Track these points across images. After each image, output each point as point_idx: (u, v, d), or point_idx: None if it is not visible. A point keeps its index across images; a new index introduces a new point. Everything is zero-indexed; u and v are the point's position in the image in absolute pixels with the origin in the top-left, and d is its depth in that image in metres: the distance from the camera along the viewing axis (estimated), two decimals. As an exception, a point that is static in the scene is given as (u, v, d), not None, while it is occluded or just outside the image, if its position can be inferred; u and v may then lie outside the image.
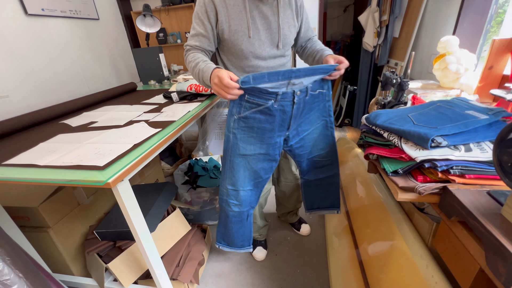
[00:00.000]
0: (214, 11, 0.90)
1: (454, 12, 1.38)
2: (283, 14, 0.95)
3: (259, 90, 0.81)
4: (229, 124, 0.90)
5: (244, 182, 1.02)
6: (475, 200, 0.57)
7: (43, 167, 0.73)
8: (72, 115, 1.32)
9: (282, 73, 0.81)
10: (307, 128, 1.03)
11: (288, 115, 0.90)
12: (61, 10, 1.74)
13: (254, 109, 0.86)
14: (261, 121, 0.89)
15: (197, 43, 0.95)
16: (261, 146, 0.96)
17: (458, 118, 0.78)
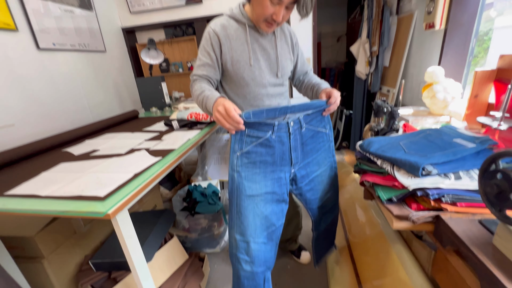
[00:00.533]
0: (218, 44, 0.97)
1: (438, 44, 1.49)
2: (280, 48, 1.04)
3: (258, 123, 0.84)
4: (233, 163, 0.89)
5: (255, 231, 0.92)
6: (467, 229, 0.59)
7: (45, 198, 0.75)
8: (75, 143, 1.36)
9: (278, 110, 0.85)
10: (315, 169, 1.03)
11: (287, 146, 0.91)
12: (71, 44, 1.86)
13: (254, 143, 0.88)
14: (262, 154, 0.90)
15: (203, 72, 0.99)
16: (265, 183, 0.93)
17: (446, 146, 0.81)
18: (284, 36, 1.06)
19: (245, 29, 0.97)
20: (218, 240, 1.66)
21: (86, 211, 0.66)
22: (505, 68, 1.11)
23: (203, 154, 2.17)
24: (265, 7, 0.85)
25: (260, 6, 0.87)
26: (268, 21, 0.90)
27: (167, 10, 2.36)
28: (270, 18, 0.88)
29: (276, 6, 0.85)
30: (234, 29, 0.97)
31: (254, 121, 0.83)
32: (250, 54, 0.98)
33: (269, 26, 0.92)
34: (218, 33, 0.95)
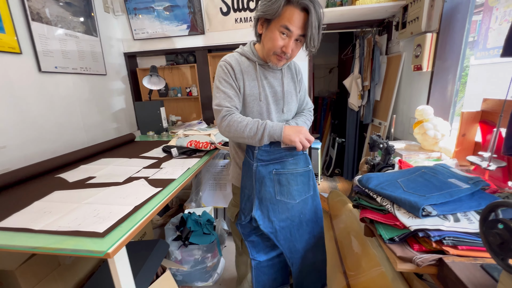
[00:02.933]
0: (234, 76, 1.00)
1: (426, 84, 1.60)
2: (287, 85, 1.09)
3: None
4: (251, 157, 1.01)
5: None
6: (470, 275, 0.59)
7: (38, 232, 0.71)
8: (69, 168, 1.32)
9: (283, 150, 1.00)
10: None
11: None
12: (73, 67, 1.88)
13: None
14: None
15: (233, 103, 0.98)
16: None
17: (443, 187, 0.84)
18: (291, 73, 1.12)
19: (255, 66, 1.02)
20: (211, 272, 1.59)
21: (84, 249, 0.63)
22: (488, 110, 1.19)
23: (197, 179, 2.14)
24: (275, 40, 0.91)
25: (270, 41, 0.93)
26: (278, 54, 0.95)
27: (170, 39, 2.46)
28: (280, 51, 0.94)
29: (286, 39, 0.91)
30: (246, 65, 1.02)
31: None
32: (260, 90, 1.02)
33: (279, 59, 0.97)
34: (234, 67, 1.00)
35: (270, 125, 0.93)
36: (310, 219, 1.10)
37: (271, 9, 0.86)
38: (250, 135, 0.93)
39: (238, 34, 2.35)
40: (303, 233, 1.10)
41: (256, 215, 1.02)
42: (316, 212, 1.12)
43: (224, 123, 0.95)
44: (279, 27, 0.89)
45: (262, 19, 0.93)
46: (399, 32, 1.85)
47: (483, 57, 1.28)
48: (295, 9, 0.85)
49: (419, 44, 1.55)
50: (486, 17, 1.27)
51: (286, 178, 1.02)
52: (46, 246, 0.65)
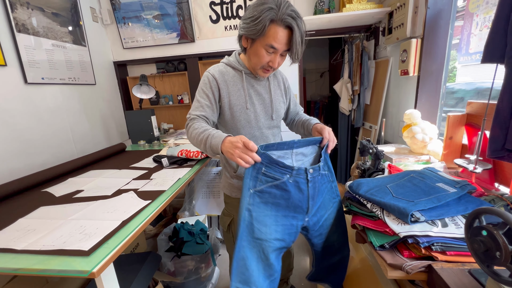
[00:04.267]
0: (217, 88, 1.01)
1: (413, 88, 1.63)
2: (274, 92, 1.10)
3: (276, 163, 0.82)
4: (245, 200, 0.83)
5: (259, 278, 0.87)
6: (458, 281, 0.60)
7: (21, 252, 0.69)
8: (57, 181, 1.29)
9: (287, 143, 0.88)
10: (323, 213, 1.00)
11: (305, 194, 0.87)
12: (61, 78, 1.85)
13: (270, 183, 0.84)
14: (276, 197, 0.86)
15: (202, 113, 0.99)
16: (276, 228, 0.88)
17: (430, 191, 0.85)
18: (277, 81, 1.14)
19: (242, 76, 1.03)
20: (205, 283, 1.56)
21: (68, 269, 0.61)
22: (473, 114, 1.22)
23: (190, 188, 2.12)
24: (262, 56, 0.93)
25: (256, 56, 0.94)
26: (265, 68, 0.97)
27: (160, 47, 2.46)
28: (266, 65, 0.96)
29: (272, 54, 0.93)
30: (231, 75, 1.03)
31: (272, 159, 0.81)
32: (247, 99, 1.03)
33: (265, 72, 1.00)
34: (217, 79, 1.01)
35: (211, 139, 0.85)
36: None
37: (256, 29, 0.86)
38: (201, 145, 0.89)
39: (228, 41, 2.37)
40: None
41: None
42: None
43: (186, 129, 0.98)
44: (264, 45, 0.90)
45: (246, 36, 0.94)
46: (385, 37, 1.89)
47: (466, 61, 1.31)
48: (279, 28, 0.86)
49: (405, 50, 1.58)
50: (467, 23, 1.30)
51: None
52: (28, 267, 0.63)
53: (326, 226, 1.01)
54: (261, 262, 0.87)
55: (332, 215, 1.02)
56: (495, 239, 0.47)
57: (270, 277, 0.90)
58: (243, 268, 0.84)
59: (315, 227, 0.97)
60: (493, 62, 0.88)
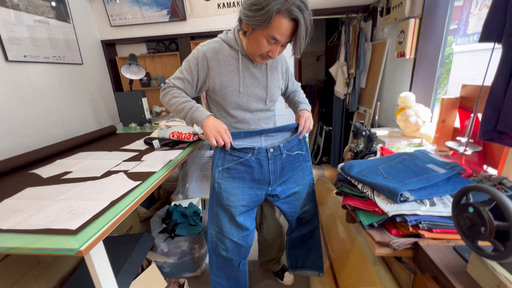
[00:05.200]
0: (205, 68, 0.97)
1: (409, 71, 1.61)
2: (270, 76, 1.06)
3: (239, 150, 0.97)
4: (214, 175, 1.01)
5: (231, 232, 1.06)
6: (443, 257, 0.61)
7: (7, 232, 0.67)
8: (45, 163, 1.26)
9: (255, 132, 1.02)
10: (292, 187, 1.13)
11: (266, 169, 1.02)
12: (44, 56, 1.76)
13: (235, 161, 0.99)
14: (242, 172, 1.01)
15: (180, 86, 1.00)
16: (242, 197, 1.04)
17: (421, 172, 0.86)
18: (276, 64, 1.08)
19: (238, 56, 0.98)
20: (199, 263, 1.59)
21: (55, 248, 0.60)
22: (467, 96, 1.22)
23: (184, 171, 2.11)
24: (262, 45, 0.88)
25: (256, 44, 0.89)
26: (264, 56, 0.93)
27: (150, 25, 2.34)
28: (265, 54, 0.91)
29: (273, 45, 0.88)
30: (226, 54, 0.98)
31: (237, 147, 0.96)
32: (240, 81, 0.99)
33: (263, 59, 0.96)
34: (208, 58, 0.96)
35: (195, 111, 0.96)
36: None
37: (260, 20, 0.80)
38: (180, 113, 0.98)
39: (222, 20, 2.27)
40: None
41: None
42: None
43: (164, 93, 1.03)
44: (266, 36, 0.85)
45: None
46: (383, 18, 1.84)
47: (464, 43, 1.29)
48: (284, 19, 0.80)
49: (403, 30, 1.54)
50: (467, 2, 1.27)
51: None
52: (13, 246, 0.61)
53: (295, 198, 1.15)
54: (232, 222, 1.06)
55: (303, 190, 1.16)
56: (481, 215, 0.48)
57: (241, 233, 1.08)
58: (217, 220, 1.06)
59: (281, 195, 1.11)
60: (490, 41, 0.86)
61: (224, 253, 1.10)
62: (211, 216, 1.07)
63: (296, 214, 1.18)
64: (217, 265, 1.15)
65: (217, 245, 1.10)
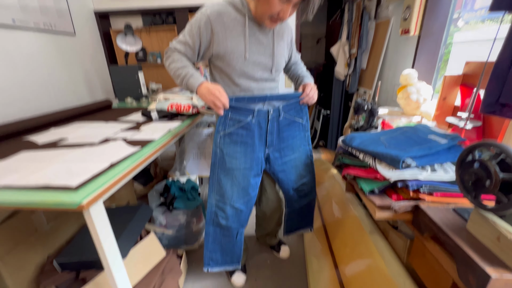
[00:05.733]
0: (209, 32, 0.93)
1: (412, 49, 1.59)
2: (277, 44, 1.02)
3: (240, 108, 0.96)
4: (216, 141, 1.01)
5: (233, 197, 1.07)
6: (443, 217, 0.63)
7: (2, 188, 0.66)
8: (38, 131, 1.22)
9: (258, 98, 0.99)
10: (289, 154, 1.13)
11: (264, 130, 1.03)
12: (34, 22, 1.67)
13: (236, 125, 0.99)
14: (243, 136, 1.01)
15: (182, 50, 0.97)
16: (245, 160, 1.04)
17: (422, 142, 0.86)
18: (282, 32, 1.05)
19: (244, 21, 0.94)
20: (197, 236, 1.61)
21: (55, 201, 0.59)
22: (470, 74, 1.21)
23: (181, 148, 2.09)
24: (273, 5, 0.84)
25: (266, 4, 0.85)
26: (274, 18, 0.89)
27: (146, -4, 2.24)
28: (276, 15, 0.87)
29: (284, 4, 0.84)
30: (231, 18, 0.93)
31: (236, 106, 0.94)
32: (247, 47, 0.95)
33: (273, 22, 0.91)
34: (212, 21, 0.91)
35: (190, 78, 0.94)
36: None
37: None
38: (178, 79, 0.97)
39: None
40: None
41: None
42: None
43: (166, 57, 1.01)
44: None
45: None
46: (389, -6, 1.79)
47: (470, 18, 1.26)
48: None
49: (408, 6, 1.51)
50: (477, -24, 1.23)
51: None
52: (11, 200, 0.60)
53: (291, 165, 1.15)
54: (235, 186, 1.06)
55: (300, 158, 1.16)
56: (487, 169, 0.48)
57: (243, 198, 1.09)
58: (218, 187, 1.06)
59: (277, 161, 1.11)
60: (501, 9, 0.84)
61: (224, 222, 1.10)
62: (212, 185, 1.06)
63: (292, 184, 1.19)
64: (214, 238, 1.14)
65: (216, 215, 1.10)
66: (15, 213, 1.07)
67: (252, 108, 0.97)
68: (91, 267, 1.05)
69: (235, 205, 1.08)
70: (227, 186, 1.05)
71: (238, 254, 1.21)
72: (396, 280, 0.78)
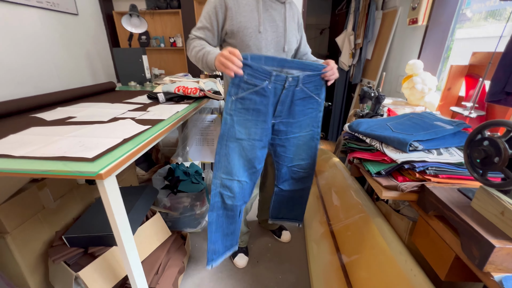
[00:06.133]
0: (223, 9, 0.95)
1: (418, 40, 1.59)
2: (288, 23, 1.03)
3: (257, 69, 0.86)
4: (227, 106, 0.92)
5: (239, 171, 1.02)
6: (449, 196, 0.65)
7: (20, 158, 0.66)
8: (45, 110, 1.22)
9: (277, 60, 0.89)
10: (295, 131, 1.07)
11: (277, 97, 0.95)
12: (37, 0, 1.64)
13: (250, 90, 0.90)
14: (256, 103, 0.92)
15: (202, 35, 0.99)
16: (255, 130, 0.98)
17: (429, 127, 0.88)
18: (292, 13, 1.06)
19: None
20: (200, 220, 1.64)
21: (74, 170, 0.60)
22: (476, 64, 1.22)
23: (184, 134, 2.09)
24: None
25: None
26: None
27: (150, -22, 2.19)
28: None
29: None
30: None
31: (252, 65, 0.85)
32: (260, 21, 0.96)
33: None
34: (225, 0, 0.93)
35: (208, 55, 0.92)
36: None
37: None
38: (200, 62, 0.96)
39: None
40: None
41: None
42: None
43: (189, 49, 1.01)
44: None
45: None
46: (398, -17, 1.77)
47: (480, 9, 1.27)
48: None
49: (418, -5, 1.50)
50: (488, -35, 1.23)
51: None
52: (30, 168, 0.61)
53: (293, 142, 1.09)
54: (242, 158, 1.00)
55: (304, 140, 1.10)
56: (497, 146, 0.50)
57: (249, 170, 1.04)
58: (226, 162, 0.99)
59: (280, 134, 1.06)
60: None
61: (230, 201, 1.05)
62: (219, 161, 0.99)
63: (288, 161, 1.13)
64: (217, 225, 1.08)
65: (221, 196, 1.04)
66: (21, 190, 1.08)
67: (270, 71, 0.88)
68: (99, 243, 1.07)
69: (241, 178, 1.03)
70: (235, 159, 0.99)
71: (237, 234, 1.18)
72: (398, 259, 0.81)
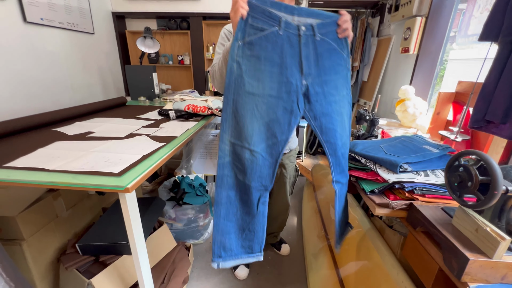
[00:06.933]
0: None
1: (410, 67, 1.73)
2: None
3: (262, 12, 0.75)
4: (233, 52, 0.76)
5: (252, 137, 0.78)
6: (433, 214, 0.74)
7: (53, 171, 0.75)
8: (64, 124, 1.31)
9: (284, 6, 0.77)
10: (333, 93, 0.85)
11: (297, 50, 0.78)
12: (59, 21, 1.77)
13: (259, 34, 0.76)
14: (268, 50, 0.76)
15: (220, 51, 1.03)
16: (271, 84, 0.77)
17: (417, 150, 0.98)
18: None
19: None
20: (202, 231, 1.70)
21: (103, 184, 0.68)
22: (462, 92, 1.34)
23: (189, 147, 2.18)
24: None
25: None
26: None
27: (163, 1, 2.35)
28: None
29: None
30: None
31: (257, 6, 0.74)
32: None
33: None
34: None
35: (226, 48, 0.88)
36: None
37: None
38: (221, 71, 0.92)
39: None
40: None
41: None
42: None
43: (213, 75, 1.01)
44: None
45: None
46: (391, 14, 1.93)
47: (464, 43, 1.40)
48: None
49: (409, 27, 1.65)
50: (470, 5, 1.38)
51: None
52: (65, 181, 0.69)
53: (335, 110, 0.86)
54: (255, 119, 0.78)
55: (343, 105, 0.88)
56: (470, 172, 0.60)
57: (267, 140, 0.80)
58: (234, 122, 0.78)
59: (319, 98, 0.82)
60: (489, 40, 0.97)
61: (241, 176, 0.80)
62: (225, 120, 0.78)
63: (336, 137, 0.87)
64: (227, 210, 0.82)
65: (231, 169, 0.80)
66: (38, 199, 1.15)
67: (278, 16, 0.75)
68: (110, 252, 1.13)
69: (255, 149, 0.78)
70: (246, 119, 0.77)
71: (259, 235, 0.85)
72: (390, 272, 0.88)
